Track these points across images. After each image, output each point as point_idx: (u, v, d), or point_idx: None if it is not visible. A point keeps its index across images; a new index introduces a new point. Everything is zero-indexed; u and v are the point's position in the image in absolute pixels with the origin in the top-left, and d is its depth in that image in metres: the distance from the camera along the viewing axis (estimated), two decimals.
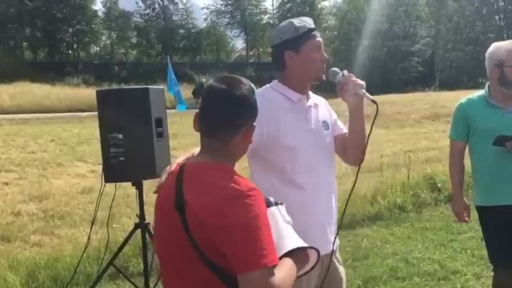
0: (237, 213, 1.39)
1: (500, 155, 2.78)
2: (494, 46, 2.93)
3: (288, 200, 2.08)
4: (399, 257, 4.71)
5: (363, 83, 2.13)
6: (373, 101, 2.08)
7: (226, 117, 1.52)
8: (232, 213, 1.39)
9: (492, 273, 3.12)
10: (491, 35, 44.01)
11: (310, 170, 2.14)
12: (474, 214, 3.11)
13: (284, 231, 1.55)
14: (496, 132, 2.76)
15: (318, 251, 1.59)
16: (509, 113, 2.83)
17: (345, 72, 2.17)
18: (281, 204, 1.64)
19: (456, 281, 4.10)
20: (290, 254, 1.49)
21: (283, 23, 2.22)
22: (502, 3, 50.19)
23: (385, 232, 5.53)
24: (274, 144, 2.09)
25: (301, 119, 2.17)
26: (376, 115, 2.02)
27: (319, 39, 2.18)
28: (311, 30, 2.16)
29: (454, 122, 3.11)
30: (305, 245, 1.53)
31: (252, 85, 1.59)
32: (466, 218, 3.11)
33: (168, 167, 1.68)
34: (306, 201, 2.12)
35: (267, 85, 2.26)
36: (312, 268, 1.61)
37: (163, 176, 1.66)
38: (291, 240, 1.53)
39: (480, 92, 3.00)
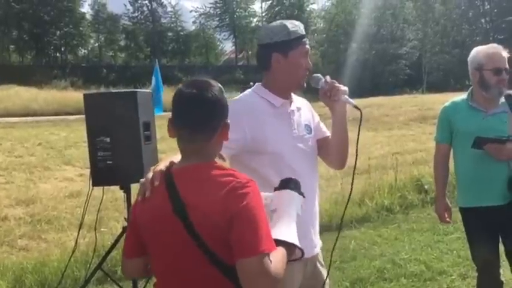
0: (240, 202, 1.45)
1: (480, 158, 2.82)
2: (474, 50, 2.98)
3: None
4: (386, 258, 4.75)
5: (345, 88, 2.13)
6: (356, 107, 2.09)
7: (203, 121, 1.55)
8: (236, 203, 1.44)
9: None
10: (477, 38, 44.49)
11: (292, 174, 2.13)
12: (460, 215, 3.15)
13: (290, 220, 1.63)
14: (475, 135, 2.80)
15: (302, 251, 1.64)
16: (490, 116, 2.88)
17: (328, 78, 2.17)
18: (303, 196, 1.73)
19: (442, 281, 4.14)
20: (281, 243, 1.55)
21: (275, 23, 2.19)
22: (488, 7, 50.85)
23: (372, 234, 5.57)
24: (257, 150, 2.08)
25: (285, 125, 2.16)
26: (360, 121, 2.05)
27: (307, 46, 2.17)
28: (303, 36, 2.15)
29: (438, 125, 3.16)
30: (297, 243, 1.60)
31: (219, 85, 1.62)
32: (447, 219, 3.15)
33: (152, 167, 1.67)
34: None
35: (249, 89, 2.24)
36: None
37: (149, 175, 1.64)
38: (289, 231, 1.59)
39: (464, 95, 3.05)
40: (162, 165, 1.66)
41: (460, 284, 4.06)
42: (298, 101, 2.28)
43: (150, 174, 1.64)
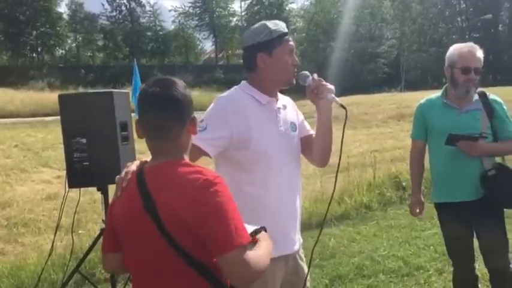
0: (210, 200, 1.47)
1: (453, 154, 2.87)
2: (451, 47, 3.04)
3: (254, 200, 2.12)
4: (365, 255, 4.80)
5: (332, 87, 2.16)
6: (342, 106, 2.12)
7: (170, 119, 1.57)
8: (206, 201, 1.46)
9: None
10: (454, 36, 45.27)
11: (277, 171, 2.15)
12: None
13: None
14: (449, 132, 2.85)
15: (265, 229, 1.70)
16: (464, 114, 2.93)
17: (315, 75, 2.20)
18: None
19: (420, 276, 4.21)
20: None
21: (257, 25, 2.22)
22: (464, 6, 51.73)
23: (352, 231, 5.63)
24: (243, 146, 2.09)
25: (270, 122, 2.19)
26: (345, 120, 2.07)
27: (291, 43, 2.19)
28: (285, 34, 2.17)
29: (414, 122, 3.21)
30: (255, 227, 1.65)
31: (182, 81, 1.63)
32: (419, 214, 3.21)
33: (125, 167, 1.69)
34: (271, 202, 2.15)
35: (235, 86, 2.25)
36: None
37: (122, 174, 1.66)
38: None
39: (439, 93, 3.10)
40: (134, 165, 1.68)
41: (437, 279, 4.13)
42: (283, 99, 2.31)
43: (123, 173, 1.66)
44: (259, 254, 1.53)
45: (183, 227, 1.47)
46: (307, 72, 2.22)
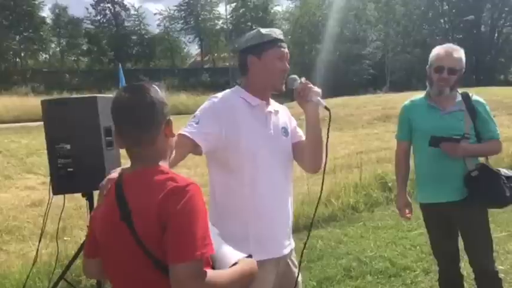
0: (175, 206, 1.43)
1: (437, 155, 2.89)
2: (434, 48, 3.08)
3: (245, 202, 2.13)
4: (352, 256, 4.83)
5: (319, 90, 2.18)
6: (327, 108, 2.13)
7: (137, 127, 1.55)
8: (171, 207, 1.43)
9: None
10: (437, 38, 45.68)
11: (267, 174, 2.16)
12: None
13: (223, 251, 1.61)
14: (432, 133, 2.88)
15: (251, 256, 1.67)
16: (447, 115, 2.96)
17: (303, 79, 2.22)
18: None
19: (406, 277, 4.24)
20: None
21: (252, 31, 2.27)
22: (447, 7, 52.31)
23: (339, 233, 5.65)
24: (232, 147, 2.11)
25: (260, 124, 2.20)
26: (329, 123, 2.09)
27: (284, 50, 2.21)
28: (277, 40, 2.20)
29: (398, 123, 3.24)
30: (243, 255, 1.61)
31: (154, 85, 1.62)
32: (408, 215, 3.23)
33: (111, 171, 1.70)
34: (262, 204, 2.16)
35: (229, 89, 2.29)
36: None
37: (104, 181, 1.67)
38: (231, 255, 1.60)
39: (423, 94, 3.13)
40: (116, 172, 1.68)
41: (423, 279, 4.16)
42: (276, 105, 2.34)
43: (104, 181, 1.67)
44: (222, 276, 1.48)
45: (154, 236, 1.45)
46: (295, 76, 2.24)
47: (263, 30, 2.21)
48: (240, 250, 1.65)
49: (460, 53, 2.96)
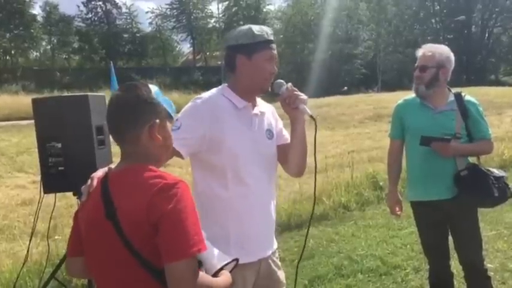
0: (166, 205, 1.42)
1: (428, 153, 2.92)
2: None
3: (228, 204, 2.13)
4: (344, 255, 4.85)
5: (305, 97, 2.16)
6: (312, 117, 2.12)
7: (123, 121, 1.56)
8: (162, 206, 1.42)
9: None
10: (429, 38, 45.96)
11: (250, 176, 2.15)
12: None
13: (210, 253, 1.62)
14: (424, 131, 2.91)
15: (237, 260, 1.70)
16: (438, 114, 2.99)
17: (289, 85, 2.19)
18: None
19: (397, 275, 4.27)
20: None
21: (243, 27, 2.20)
22: (438, 7, 52.64)
23: (330, 231, 5.67)
24: (216, 148, 2.09)
25: (245, 126, 2.18)
26: (315, 131, 2.09)
27: (274, 51, 2.18)
28: (269, 41, 2.17)
29: (392, 121, 3.27)
30: (228, 260, 1.64)
31: (151, 86, 1.62)
32: (398, 212, 3.25)
33: (97, 172, 1.68)
34: (244, 206, 2.14)
35: (215, 88, 2.25)
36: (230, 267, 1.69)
37: (89, 180, 1.65)
38: (217, 260, 1.62)
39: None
40: (101, 170, 1.67)
41: (414, 277, 4.19)
42: (262, 106, 2.31)
43: (89, 180, 1.65)
44: (212, 282, 1.51)
45: (142, 234, 1.44)
46: (282, 81, 2.21)
47: (255, 29, 2.15)
48: (222, 251, 1.67)
49: (433, 50, 2.99)
